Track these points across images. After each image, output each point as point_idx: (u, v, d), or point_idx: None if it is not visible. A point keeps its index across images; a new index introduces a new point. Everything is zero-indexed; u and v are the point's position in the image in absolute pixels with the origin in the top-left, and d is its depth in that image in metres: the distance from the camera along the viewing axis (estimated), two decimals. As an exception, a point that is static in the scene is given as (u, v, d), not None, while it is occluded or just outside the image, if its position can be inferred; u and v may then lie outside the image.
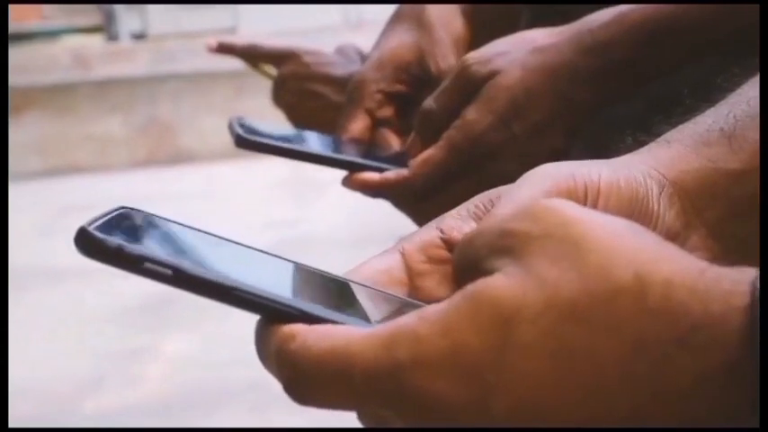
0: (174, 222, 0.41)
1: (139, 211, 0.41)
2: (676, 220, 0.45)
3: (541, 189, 0.42)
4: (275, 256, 0.42)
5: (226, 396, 2.74)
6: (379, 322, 0.40)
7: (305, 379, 0.37)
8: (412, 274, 0.44)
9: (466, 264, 0.39)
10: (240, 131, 0.80)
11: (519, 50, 0.75)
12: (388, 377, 0.36)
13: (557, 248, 0.36)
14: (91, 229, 0.37)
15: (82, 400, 2.83)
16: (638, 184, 0.44)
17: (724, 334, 0.34)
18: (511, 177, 0.45)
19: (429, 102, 0.78)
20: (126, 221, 0.39)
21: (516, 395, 0.35)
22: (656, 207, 0.44)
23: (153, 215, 0.41)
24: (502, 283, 0.36)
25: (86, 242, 0.37)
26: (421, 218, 0.81)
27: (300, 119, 1.21)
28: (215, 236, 0.42)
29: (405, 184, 0.78)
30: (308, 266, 0.43)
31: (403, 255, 0.44)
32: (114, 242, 0.36)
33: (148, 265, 0.37)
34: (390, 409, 0.36)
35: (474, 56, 0.76)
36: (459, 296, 0.36)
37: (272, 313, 0.38)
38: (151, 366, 3.02)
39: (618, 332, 0.35)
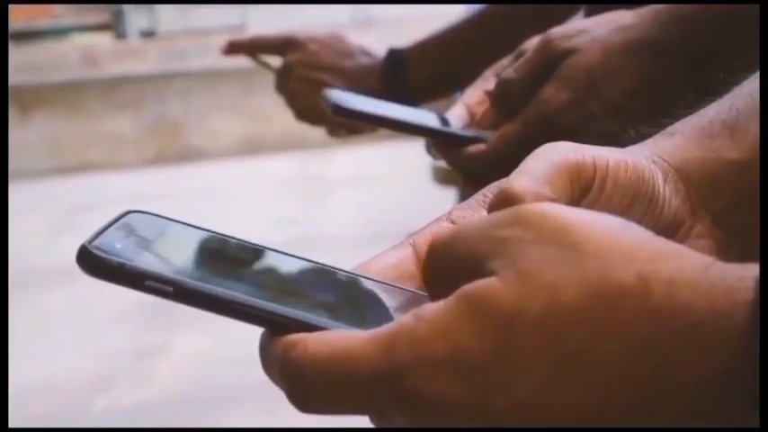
0: (181, 223, 0.41)
1: (146, 213, 0.41)
2: (682, 206, 0.45)
3: (551, 162, 0.42)
4: (284, 253, 0.42)
5: (237, 394, 2.74)
6: (394, 311, 0.40)
7: (309, 385, 0.37)
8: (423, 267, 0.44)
9: (443, 268, 0.39)
10: (336, 101, 0.82)
11: (601, 29, 0.76)
12: (391, 379, 0.36)
13: (554, 254, 0.36)
14: (91, 246, 0.37)
15: (93, 398, 2.84)
16: (644, 167, 0.45)
17: (728, 329, 0.34)
18: None
19: (509, 72, 0.80)
20: (131, 229, 0.39)
21: (517, 395, 0.35)
22: (661, 191, 0.45)
23: (160, 217, 0.41)
24: (500, 286, 0.36)
25: (87, 261, 0.37)
26: None
27: (304, 107, 1.19)
28: (223, 235, 0.42)
29: (481, 157, 0.81)
30: (318, 263, 0.43)
31: (414, 247, 0.44)
32: (115, 261, 0.37)
33: (149, 282, 0.38)
34: (394, 411, 0.36)
35: (556, 31, 0.78)
36: (455, 297, 0.36)
37: (273, 325, 0.38)
38: (162, 365, 3.03)
39: (621, 333, 0.34)
